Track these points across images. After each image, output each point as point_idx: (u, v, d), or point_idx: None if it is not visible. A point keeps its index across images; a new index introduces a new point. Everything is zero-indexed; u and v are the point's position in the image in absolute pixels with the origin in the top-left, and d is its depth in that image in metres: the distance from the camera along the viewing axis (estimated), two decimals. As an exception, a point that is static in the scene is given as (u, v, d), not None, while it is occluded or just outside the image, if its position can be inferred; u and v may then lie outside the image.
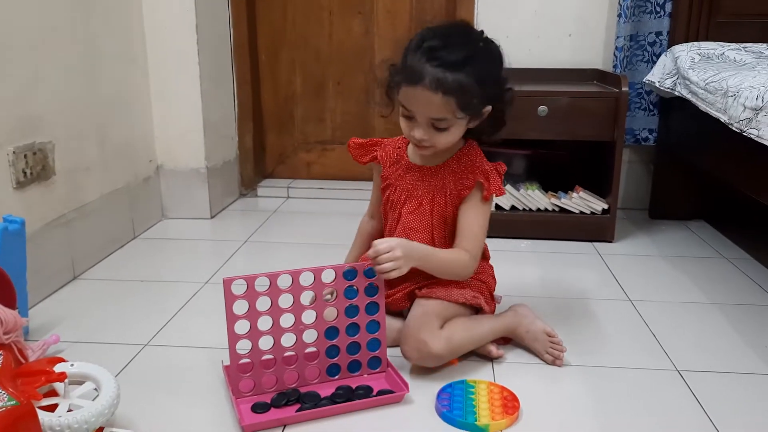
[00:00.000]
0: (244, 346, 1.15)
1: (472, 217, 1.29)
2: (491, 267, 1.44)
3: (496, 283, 1.44)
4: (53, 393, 1.05)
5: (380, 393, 1.18)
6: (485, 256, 1.44)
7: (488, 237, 2.03)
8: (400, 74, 1.20)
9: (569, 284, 1.75)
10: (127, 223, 2.03)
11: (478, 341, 1.30)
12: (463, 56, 1.16)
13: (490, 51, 1.22)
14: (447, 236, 1.33)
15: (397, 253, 1.16)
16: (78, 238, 1.75)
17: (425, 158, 1.32)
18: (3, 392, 0.93)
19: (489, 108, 1.23)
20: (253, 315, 1.15)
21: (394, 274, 1.17)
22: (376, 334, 1.23)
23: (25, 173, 1.53)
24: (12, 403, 0.92)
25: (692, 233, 2.17)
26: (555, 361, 1.30)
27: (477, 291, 1.35)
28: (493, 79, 1.22)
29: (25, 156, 1.53)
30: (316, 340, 1.20)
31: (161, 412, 1.15)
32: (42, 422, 0.95)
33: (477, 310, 1.36)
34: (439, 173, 1.31)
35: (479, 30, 1.24)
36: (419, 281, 1.33)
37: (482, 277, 1.38)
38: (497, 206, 2.13)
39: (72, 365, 1.07)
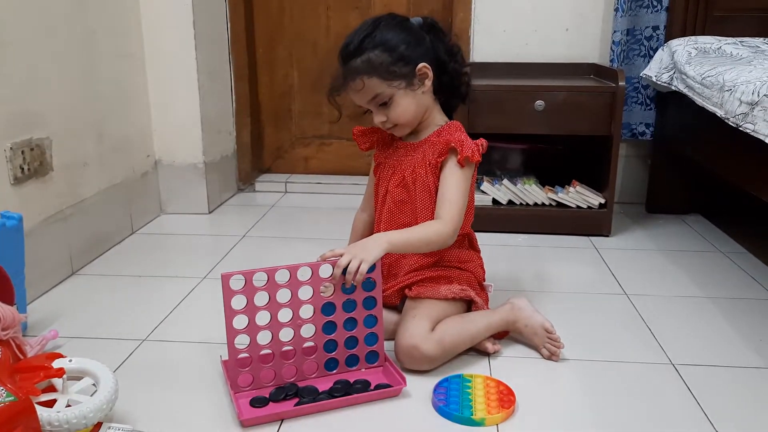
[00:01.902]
0: (242, 341, 1.16)
1: (448, 184, 1.30)
2: (479, 257, 1.44)
3: (485, 272, 1.44)
4: (52, 388, 1.06)
5: (378, 387, 1.19)
6: (474, 246, 1.44)
7: (485, 231, 2.06)
8: (335, 87, 1.31)
9: (566, 278, 1.76)
10: (125, 219, 2.04)
11: (472, 340, 1.30)
12: (360, 39, 1.26)
13: (390, 22, 1.29)
14: (430, 208, 1.33)
15: (346, 254, 1.17)
16: (76, 234, 1.75)
17: (409, 136, 1.38)
18: (1, 388, 0.94)
19: (422, 65, 1.28)
20: (251, 310, 1.15)
21: (363, 266, 1.15)
22: (374, 328, 1.24)
23: (22, 169, 1.53)
24: (10, 398, 0.92)
25: (689, 227, 2.17)
26: (551, 356, 1.31)
27: (465, 283, 1.35)
28: (404, 41, 1.27)
29: (23, 152, 1.53)
30: (314, 334, 1.20)
31: (160, 407, 1.15)
32: (41, 417, 0.96)
33: (470, 304, 1.36)
34: (420, 147, 1.34)
35: (386, 14, 1.32)
36: (410, 277, 1.34)
37: (469, 267, 1.39)
38: (494, 201, 2.13)
39: (70, 361, 1.08)
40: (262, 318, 1.16)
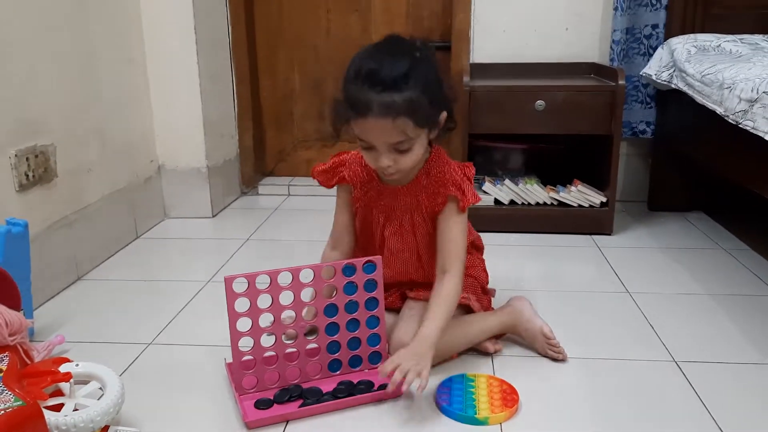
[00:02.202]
0: (246, 344, 1.17)
1: (452, 233, 1.24)
2: (482, 260, 1.44)
3: (488, 275, 1.44)
4: (59, 393, 1.07)
5: (381, 387, 1.20)
6: (478, 247, 1.44)
7: (487, 231, 2.06)
8: (347, 109, 1.13)
9: (568, 277, 1.77)
10: (130, 224, 2.05)
11: (468, 343, 1.31)
12: (404, 71, 1.10)
13: (427, 56, 1.16)
14: (433, 251, 1.29)
15: (408, 362, 1.11)
16: (81, 239, 1.76)
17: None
18: (9, 393, 0.95)
19: (445, 113, 1.19)
20: (254, 312, 1.16)
21: (425, 373, 1.10)
22: (376, 329, 1.25)
23: (27, 176, 1.54)
24: (18, 403, 0.93)
25: (690, 225, 2.18)
26: (557, 358, 1.30)
27: (468, 289, 1.35)
28: (437, 84, 1.16)
29: (27, 159, 1.54)
30: (317, 336, 1.21)
31: (166, 410, 1.16)
32: (48, 422, 0.97)
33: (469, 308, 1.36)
34: (411, 191, 1.26)
35: (411, 38, 1.18)
36: (412, 281, 1.35)
37: (472, 272, 1.38)
38: (496, 201, 2.14)
39: (77, 365, 1.09)
40: (265, 320, 1.17)
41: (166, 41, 2.13)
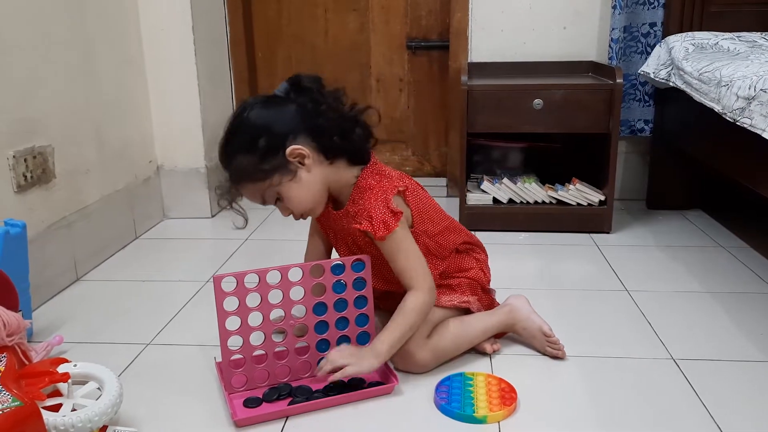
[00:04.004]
0: (235, 343, 1.17)
1: (391, 258, 1.21)
2: (480, 260, 1.39)
3: (488, 274, 1.41)
4: (57, 393, 1.07)
5: (372, 385, 1.20)
6: (477, 245, 1.41)
7: (485, 230, 2.07)
8: (227, 195, 1.26)
9: (567, 276, 1.77)
10: (129, 224, 2.05)
11: (468, 345, 1.30)
12: (222, 144, 1.20)
13: (251, 111, 1.18)
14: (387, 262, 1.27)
15: (344, 359, 1.15)
16: (80, 240, 1.77)
17: (335, 201, 1.28)
18: (7, 393, 0.95)
19: (291, 149, 1.15)
20: (243, 311, 1.17)
21: (349, 370, 1.14)
22: (365, 327, 1.25)
23: (25, 177, 1.54)
24: (16, 404, 0.93)
25: (689, 223, 2.18)
26: (557, 355, 1.30)
27: (468, 292, 1.34)
28: (264, 130, 1.16)
29: (26, 160, 1.54)
30: (306, 334, 1.22)
31: (164, 410, 1.17)
32: (46, 422, 0.97)
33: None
34: (345, 217, 1.25)
35: (243, 103, 1.22)
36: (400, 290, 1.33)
37: (471, 275, 1.35)
38: (495, 200, 2.14)
39: (75, 365, 1.09)
40: (255, 319, 1.18)
41: (165, 42, 2.13)
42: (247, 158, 1.15)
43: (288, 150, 1.16)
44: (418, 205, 1.26)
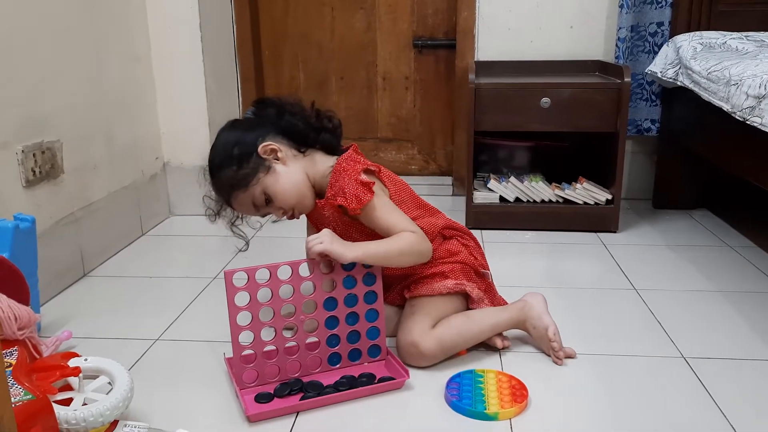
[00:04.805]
0: (246, 338, 1.17)
1: (376, 223, 1.25)
2: (467, 246, 1.38)
3: (480, 258, 1.40)
4: (68, 387, 1.07)
5: (382, 380, 1.20)
6: (463, 231, 1.41)
7: (492, 229, 2.07)
8: (223, 212, 1.36)
9: (574, 274, 1.76)
10: (135, 221, 2.05)
11: (474, 339, 1.30)
12: (207, 170, 1.33)
13: (221, 134, 1.33)
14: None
15: (326, 240, 1.18)
16: (87, 236, 1.76)
17: (317, 192, 1.33)
18: (19, 387, 0.95)
19: (261, 147, 1.26)
20: (254, 306, 1.17)
21: (317, 248, 1.17)
22: (375, 322, 1.25)
23: (34, 172, 1.54)
24: (28, 397, 0.93)
25: (696, 222, 2.18)
26: (556, 361, 1.29)
27: (461, 276, 1.33)
28: (233, 142, 1.28)
29: (34, 155, 1.54)
30: (316, 329, 1.22)
31: (174, 405, 1.16)
32: (58, 416, 0.96)
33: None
34: (326, 205, 1.30)
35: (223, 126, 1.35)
36: (409, 283, 1.35)
37: (461, 258, 1.35)
38: (501, 198, 2.14)
39: (86, 360, 1.09)
40: (265, 314, 1.18)
41: (172, 40, 2.13)
42: (229, 171, 1.27)
43: (259, 149, 1.26)
44: (394, 187, 1.33)
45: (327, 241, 1.18)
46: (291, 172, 1.28)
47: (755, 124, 1.45)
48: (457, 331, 1.27)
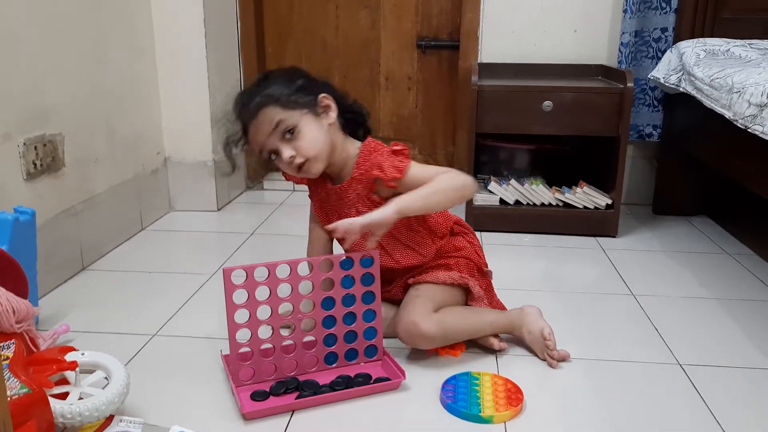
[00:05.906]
0: (243, 336, 1.17)
1: (417, 184, 1.26)
2: (473, 244, 1.43)
3: (483, 257, 1.44)
4: (64, 381, 1.07)
5: (378, 380, 1.20)
6: (470, 229, 1.45)
7: (491, 231, 2.07)
8: (232, 137, 1.31)
9: (572, 278, 1.77)
10: (135, 215, 2.05)
11: (474, 331, 1.32)
12: (256, 82, 1.29)
13: (282, 69, 1.34)
14: (406, 228, 1.34)
15: (351, 227, 1.20)
16: (87, 229, 1.77)
17: (334, 180, 1.34)
18: (16, 380, 0.95)
19: (323, 96, 1.28)
20: (252, 304, 1.17)
21: (356, 224, 1.19)
22: (372, 323, 1.25)
23: (35, 164, 1.54)
24: (25, 390, 0.94)
25: (695, 229, 2.18)
26: (550, 363, 1.29)
27: (465, 271, 1.37)
28: (301, 77, 1.29)
29: (36, 147, 1.54)
30: (314, 328, 1.22)
31: (170, 401, 1.17)
32: (54, 409, 0.97)
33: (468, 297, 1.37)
34: (350, 186, 1.31)
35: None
36: (414, 273, 1.37)
37: (465, 254, 1.40)
38: (501, 201, 2.14)
39: (83, 354, 1.09)
40: (263, 312, 1.18)
41: (176, 34, 2.13)
42: (283, 88, 1.25)
43: (320, 97, 1.28)
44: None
45: (356, 218, 1.20)
46: (328, 132, 1.28)
47: (756, 133, 1.45)
48: (457, 318, 1.29)
